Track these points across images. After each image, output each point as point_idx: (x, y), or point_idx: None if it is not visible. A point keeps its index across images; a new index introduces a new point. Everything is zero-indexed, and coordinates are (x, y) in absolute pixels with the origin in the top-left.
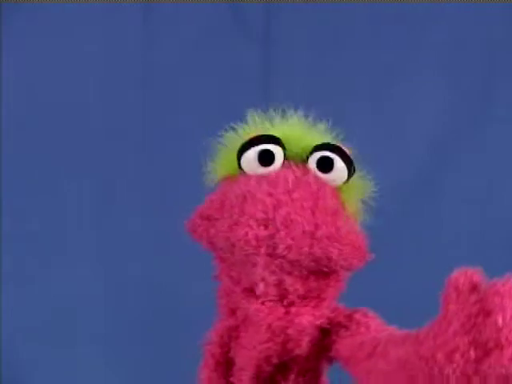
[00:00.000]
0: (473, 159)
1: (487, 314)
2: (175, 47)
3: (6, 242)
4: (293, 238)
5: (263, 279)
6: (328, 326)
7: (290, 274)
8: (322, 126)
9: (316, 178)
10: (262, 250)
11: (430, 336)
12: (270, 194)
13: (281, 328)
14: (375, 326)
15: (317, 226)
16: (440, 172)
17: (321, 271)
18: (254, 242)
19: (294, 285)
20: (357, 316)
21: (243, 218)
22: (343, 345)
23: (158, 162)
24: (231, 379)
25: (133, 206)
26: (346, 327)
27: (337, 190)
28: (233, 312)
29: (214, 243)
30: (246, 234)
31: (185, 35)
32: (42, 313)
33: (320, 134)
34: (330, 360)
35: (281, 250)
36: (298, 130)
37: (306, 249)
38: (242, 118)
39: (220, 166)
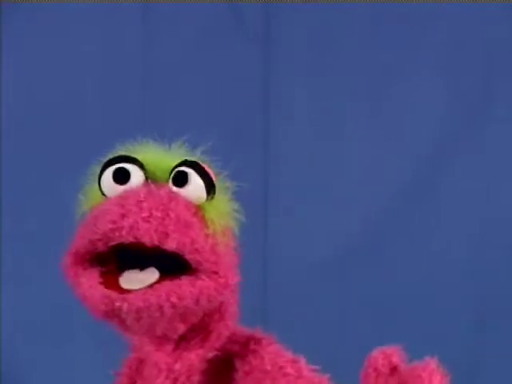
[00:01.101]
0: (472, 160)
1: None
2: (174, 47)
3: (6, 242)
4: (138, 308)
5: (131, 337)
6: (227, 357)
7: (156, 325)
8: (181, 150)
9: (170, 191)
10: (115, 321)
11: None
12: (120, 206)
13: (168, 364)
14: (269, 357)
15: (166, 236)
16: (439, 173)
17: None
18: (104, 316)
19: (170, 328)
20: (251, 345)
21: (95, 235)
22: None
23: None
24: None
25: None
26: (243, 358)
27: (197, 208)
28: (136, 347)
29: None
30: (95, 309)
31: (184, 35)
32: (42, 312)
33: (181, 156)
34: None
35: (129, 322)
36: (158, 154)
37: (157, 313)
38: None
39: (88, 197)
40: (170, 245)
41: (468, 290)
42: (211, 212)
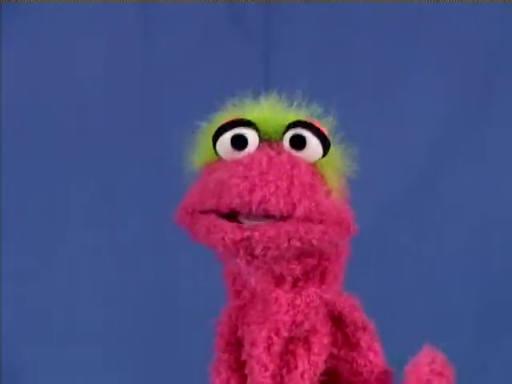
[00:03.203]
0: (472, 161)
1: None
2: (175, 47)
3: (6, 241)
4: (269, 237)
5: (250, 273)
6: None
7: (277, 263)
8: (295, 103)
9: (290, 156)
10: (241, 253)
11: None
12: (245, 178)
13: (288, 300)
14: (365, 349)
15: (294, 206)
16: (439, 173)
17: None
18: (231, 246)
19: (287, 268)
20: (359, 334)
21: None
22: (343, 370)
23: (158, 162)
24: (242, 358)
25: (133, 206)
26: (350, 345)
27: (314, 166)
28: (239, 293)
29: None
30: (223, 239)
31: (184, 35)
32: (42, 312)
33: (293, 113)
34: None
35: (258, 251)
36: (270, 111)
37: (285, 244)
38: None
39: (199, 154)
40: (299, 214)
41: (469, 288)
42: (327, 168)
